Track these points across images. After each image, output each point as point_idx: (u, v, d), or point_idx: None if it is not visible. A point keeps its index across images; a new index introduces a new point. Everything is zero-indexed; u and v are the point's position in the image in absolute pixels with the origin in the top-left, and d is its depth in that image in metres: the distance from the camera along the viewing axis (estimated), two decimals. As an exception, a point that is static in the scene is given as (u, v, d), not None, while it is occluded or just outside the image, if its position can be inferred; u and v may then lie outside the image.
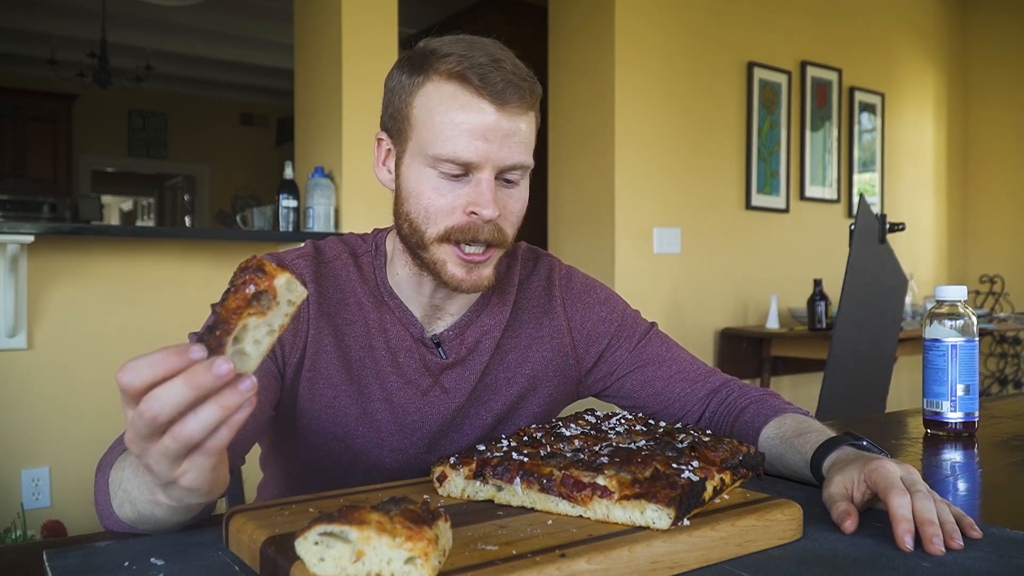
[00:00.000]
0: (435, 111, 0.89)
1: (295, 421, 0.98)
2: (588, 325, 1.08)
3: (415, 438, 0.99)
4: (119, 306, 2.62)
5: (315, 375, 0.96)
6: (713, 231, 3.87)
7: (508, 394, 1.03)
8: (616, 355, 1.08)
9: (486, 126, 0.88)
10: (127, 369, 0.53)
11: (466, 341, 1.01)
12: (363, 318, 0.99)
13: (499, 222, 0.92)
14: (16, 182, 6.71)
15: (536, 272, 1.10)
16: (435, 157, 0.89)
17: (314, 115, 3.14)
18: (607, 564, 0.57)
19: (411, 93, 0.91)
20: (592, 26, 3.62)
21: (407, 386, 0.98)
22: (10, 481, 2.45)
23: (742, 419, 1.01)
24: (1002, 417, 1.34)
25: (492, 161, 0.89)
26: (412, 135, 0.92)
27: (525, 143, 0.92)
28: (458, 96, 0.88)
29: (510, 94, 0.88)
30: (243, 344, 0.56)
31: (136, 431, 0.55)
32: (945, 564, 0.63)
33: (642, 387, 1.08)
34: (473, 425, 1.02)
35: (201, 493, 0.60)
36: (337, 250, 1.02)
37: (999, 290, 4.98)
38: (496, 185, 0.90)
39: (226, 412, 0.54)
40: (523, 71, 0.91)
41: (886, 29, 4.72)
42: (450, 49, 0.90)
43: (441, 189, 0.90)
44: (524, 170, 0.93)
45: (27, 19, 5.80)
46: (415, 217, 0.92)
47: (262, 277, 0.57)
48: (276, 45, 6.27)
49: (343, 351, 0.97)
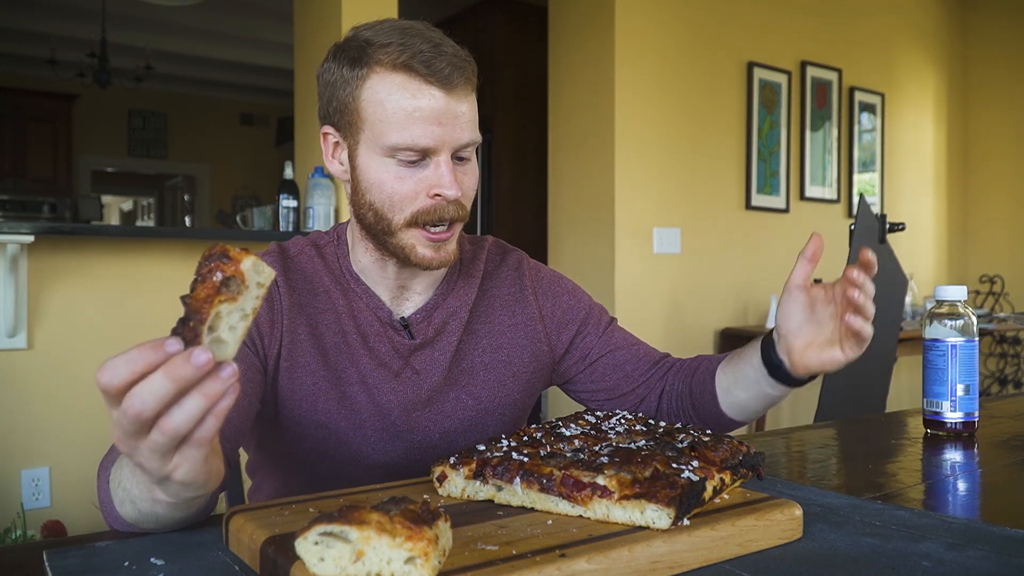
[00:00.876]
0: (385, 102, 0.91)
1: (278, 414, 1.00)
2: (558, 313, 1.13)
3: (393, 418, 1.01)
4: (119, 306, 2.62)
5: (293, 364, 0.98)
6: (713, 231, 3.87)
7: (487, 379, 1.06)
8: (587, 341, 1.14)
9: (438, 111, 0.91)
10: (105, 369, 0.53)
11: (433, 322, 1.04)
12: (332, 306, 1.01)
13: (459, 199, 0.95)
14: (16, 182, 6.71)
15: (505, 263, 1.14)
16: (392, 147, 0.91)
17: (314, 115, 3.13)
18: (607, 564, 0.57)
19: (356, 87, 0.94)
20: (592, 26, 3.62)
21: (379, 368, 1.01)
22: (10, 481, 2.45)
23: (698, 372, 1.09)
24: (1002, 417, 1.34)
25: (448, 143, 0.92)
26: (364, 127, 0.94)
27: (472, 120, 0.95)
28: (406, 85, 0.91)
29: (456, 77, 0.91)
30: (218, 332, 0.56)
31: (123, 430, 0.55)
32: (945, 564, 0.63)
33: (613, 370, 1.13)
34: (455, 408, 1.04)
35: (196, 486, 0.60)
36: (300, 245, 1.06)
37: (999, 290, 4.98)
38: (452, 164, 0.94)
39: (210, 401, 0.54)
40: (461, 52, 0.94)
41: (886, 29, 4.72)
42: (387, 39, 0.92)
43: (402, 176, 0.93)
44: (474, 146, 0.97)
45: (27, 19, 5.81)
46: (379, 206, 0.95)
47: (227, 263, 0.56)
48: (276, 45, 6.28)
49: (317, 339, 0.99)
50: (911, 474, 0.96)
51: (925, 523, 0.73)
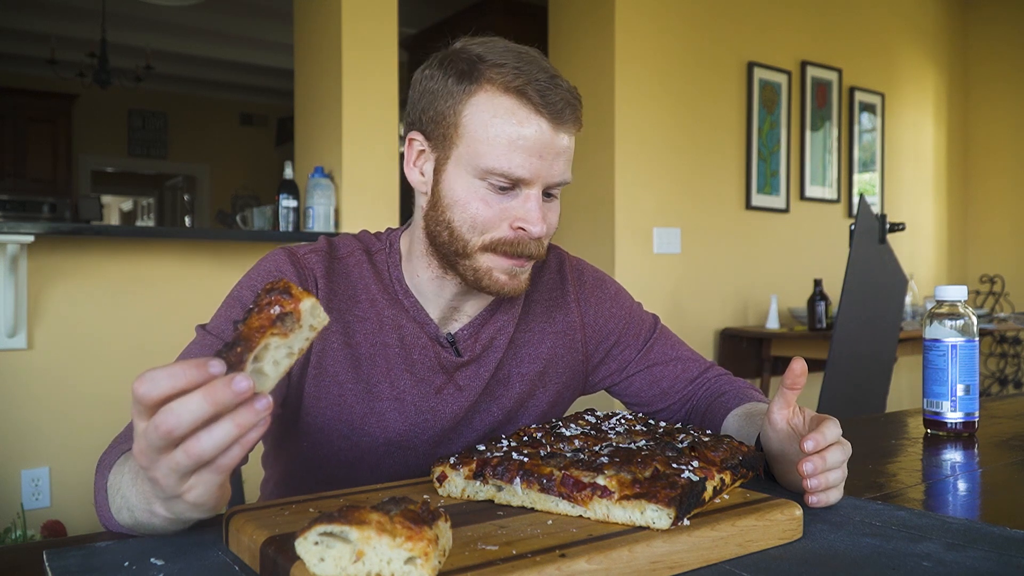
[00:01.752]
0: (490, 124, 0.88)
1: (299, 419, 0.98)
2: (600, 322, 1.10)
3: (425, 436, 0.99)
4: (119, 306, 2.62)
5: (321, 372, 0.96)
6: (713, 231, 3.87)
7: (520, 389, 1.04)
8: (625, 353, 1.11)
9: (543, 144, 0.88)
10: (145, 380, 0.53)
11: (481, 339, 1.01)
12: (376, 315, 0.98)
13: (542, 237, 0.93)
14: (16, 182, 6.71)
15: (547, 264, 1.11)
16: (487, 170, 0.88)
17: (314, 115, 3.14)
18: (607, 564, 0.57)
19: (460, 100, 0.90)
20: (592, 26, 3.62)
21: (419, 384, 0.98)
22: (10, 481, 2.45)
23: (720, 400, 1.06)
24: (1002, 417, 1.34)
25: (543, 178, 0.90)
26: (460, 143, 0.90)
27: (570, 160, 0.93)
28: (516, 111, 0.88)
29: (568, 113, 0.89)
30: (262, 363, 0.57)
31: (149, 443, 0.54)
32: (945, 564, 0.63)
33: (650, 386, 1.11)
34: (483, 420, 1.02)
35: (205, 509, 0.60)
36: (351, 247, 1.02)
37: (999, 290, 4.98)
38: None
39: (241, 431, 0.54)
40: (574, 89, 0.92)
41: (886, 29, 4.72)
42: (502, 59, 0.89)
43: (489, 201, 0.90)
44: (564, 186, 0.94)
45: (27, 19, 5.80)
46: (459, 226, 0.91)
47: (288, 299, 0.57)
48: (276, 45, 6.27)
49: (351, 348, 0.97)
50: (911, 474, 0.96)
51: (925, 523, 0.73)
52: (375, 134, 2.98)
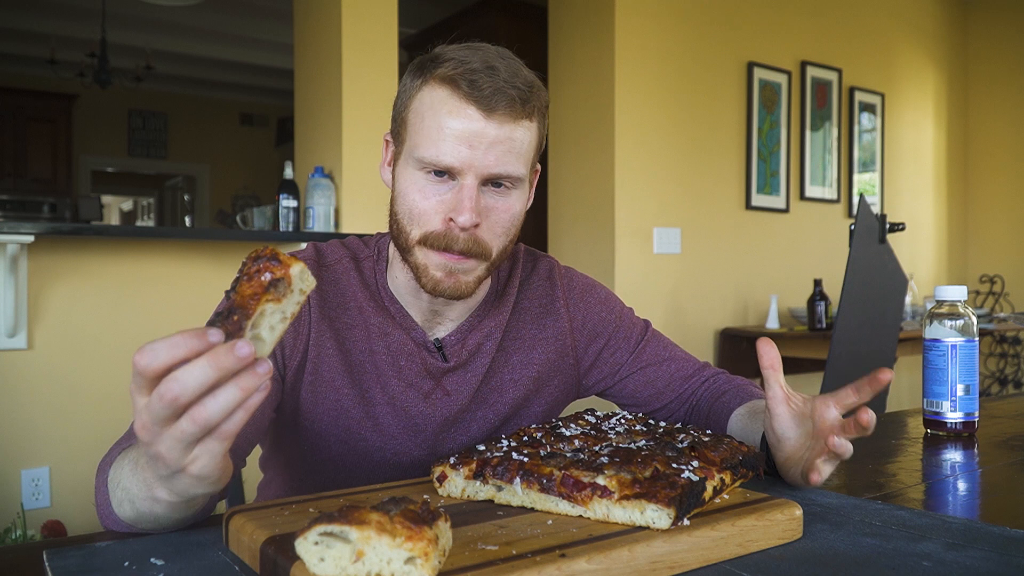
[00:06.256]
0: (425, 114, 0.89)
1: (297, 424, 0.98)
2: (589, 324, 1.10)
3: (419, 439, 1.00)
4: (119, 306, 2.62)
5: (317, 378, 0.96)
6: (713, 231, 3.87)
7: (514, 396, 1.04)
8: (616, 356, 1.11)
9: (471, 132, 0.87)
10: (145, 351, 0.53)
11: (468, 345, 1.01)
12: (364, 322, 0.99)
13: (479, 233, 0.90)
14: (16, 182, 6.71)
15: (536, 272, 1.11)
16: (420, 159, 0.89)
17: (314, 115, 3.14)
18: (607, 564, 0.57)
19: (410, 96, 0.92)
20: (592, 26, 3.62)
21: (408, 389, 0.99)
22: (10, 481, 2.45)
23: (721, 400, 1.05)
24: (1002, 417, 1.34)
25: (475, 168, 0.87)
26: (406, 137, 0.92)
27: (516, 153, 0.89)
28: (447, 101, 0.88)
29: (497, 101, 0.87)
30: (259, 330, 0.58)
31: (152, 415, 0.54)
32: (945, 564, 0.63)
33: (644, 387, 1.11)
34: (480, 426, 1.03)
35: (209, 482, 0.60)
36: (339, 254, 1.02)
37: (999, 290, 4.98)
38: (483, 194, 0.90)
39: (245, 394, 0.54)
40: (522, 79, 0.89)
41: (886, 29, 4.72)
42: (452, 55, 0.90)
43: (426, 192, 0.90)
44: (515, 180, 0.91)
45: (27, 19, 5.80)
46: (402, 218, 0.92)
47: (277, 265, 0.58)
48: (276, 45, 6.27)
49: (345, 354, 0.97)
50: (911, 474, 0.96)
51: (925, 523, 0.73)
52: (375, 134, 2.98)
